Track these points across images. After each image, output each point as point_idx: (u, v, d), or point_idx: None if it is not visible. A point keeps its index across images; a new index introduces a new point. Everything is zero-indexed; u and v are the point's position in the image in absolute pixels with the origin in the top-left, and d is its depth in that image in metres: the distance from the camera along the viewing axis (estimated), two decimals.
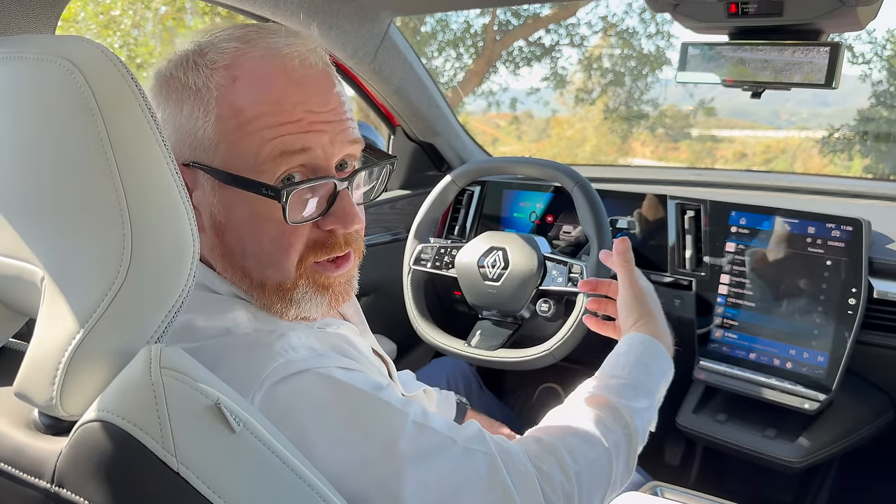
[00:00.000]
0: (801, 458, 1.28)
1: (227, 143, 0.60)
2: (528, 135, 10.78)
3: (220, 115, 0.60)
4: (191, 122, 0.61)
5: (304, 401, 0.55)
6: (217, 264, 0.66)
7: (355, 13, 1.43)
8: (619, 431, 0.75)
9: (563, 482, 0.65)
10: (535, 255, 1.29)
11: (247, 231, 0.63)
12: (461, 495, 0.58)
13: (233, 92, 0.60)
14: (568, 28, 9.22)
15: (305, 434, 0.54)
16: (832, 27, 1.02)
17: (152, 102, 0.62)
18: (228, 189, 0.61)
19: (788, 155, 9.33)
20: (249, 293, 0.66)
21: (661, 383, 0.86)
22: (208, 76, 0.61)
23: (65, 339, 0.46)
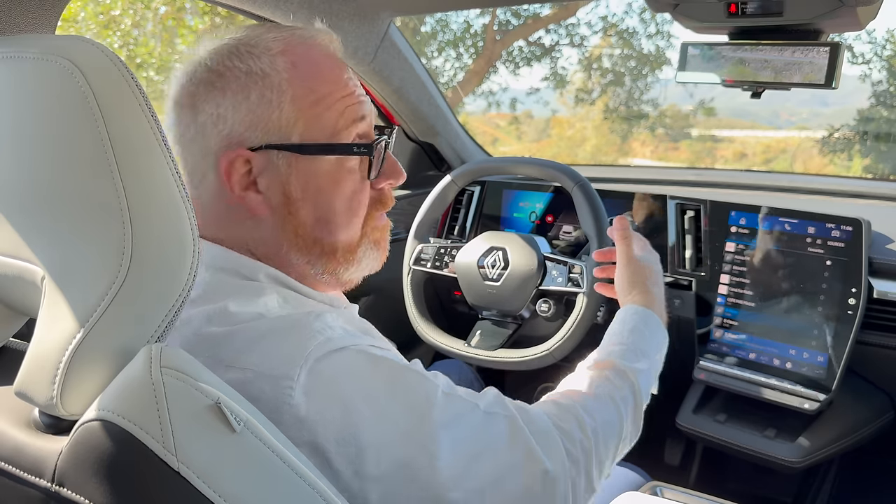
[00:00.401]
0: (801, 458, 1.28)
1: (305, 119, 0.65)
2: (528, 135, 10.78)
3: (295, 95, 0.65)
4: (262, 107, 0.64)
5: (348, 375, 0.58)
6: (277, 243, 0.68)
7: (355, 13, 1.43)
8: (626, 389, 0.81)
9: (581, 439, 0.70)
10: (535, 255, 1.29)
11: (323, 198, 0.67)
12: (487, 455, 0.62)
13: (299, 73, 0.65)
14: (568, 28, 9.23)
15: (352, 407, 0.56)
16: (832, 27, 1.02)
17: (192, 103, 0.65)
18: (306, 161, 0.66)
19: (788, 155, 9.33)
20: (311, 262, 0.69)
21: (656, 347, 0.93)
22: (272, 61, 0.65)
23: (65, 338, 0.46)
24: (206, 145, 0.65)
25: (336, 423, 0.55)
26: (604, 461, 0.74)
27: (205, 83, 0.65)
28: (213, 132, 0.65)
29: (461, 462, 0.59)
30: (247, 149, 0.64)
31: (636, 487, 1.14)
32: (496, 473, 0.62)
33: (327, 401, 0.55)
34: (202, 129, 0.65)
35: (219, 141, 0.65)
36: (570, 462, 0.67)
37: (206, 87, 0.65)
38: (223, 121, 0.64)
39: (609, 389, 0.80)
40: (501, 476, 0.62)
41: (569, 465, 0.67)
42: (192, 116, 0.65)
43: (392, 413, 0.58)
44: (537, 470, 0.64)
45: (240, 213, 0.67)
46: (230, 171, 0.64)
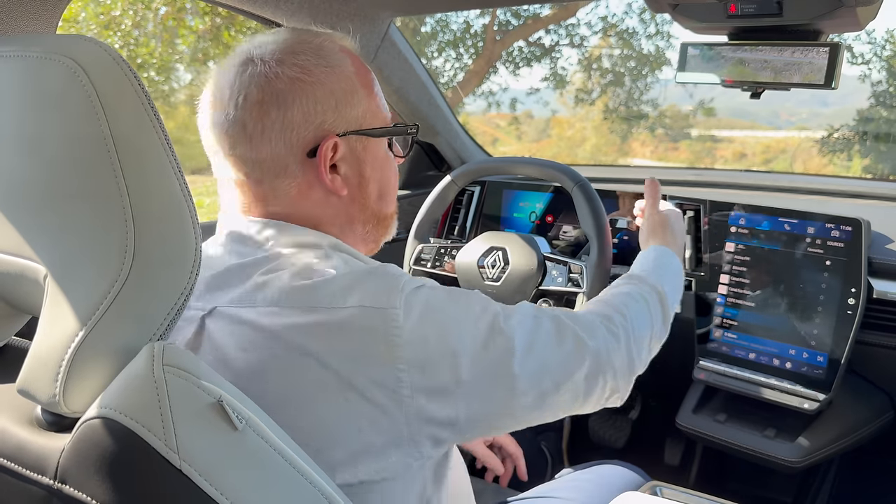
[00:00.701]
0: (801, 458, 1.28)
1: (370, 108, 0.76)
2: (528, 135, 10.78)
3: (363, 87, 0.75)
4: (344, 98, 0.74)
5: (435, 303, 0.67)
6: (350, 216, 0.77)
7: (355, 13, 1.44)
8: (653, 295, 0.94)
9: (620, 322, 0.84)
10: (534, 255, 1.29)
11: (384, 175, 0.79)
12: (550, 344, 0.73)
13: (358, 69, 0.76)
14: (568, 28, 9.23)
15: (445, 326, 0.66)
16: (832, 27, 1.03)
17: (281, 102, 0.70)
18: (374, 143, 0.77)
19: (788, 155, 9.33)
20: (365, 229, 0.80)
21: (674, 273, 1.05)
22: (341, 59, 0.75)
23: (68, 336, 0.47)
24: (298, 137, 0.72)
25: (436, 340, 0.65)
26: (641, 347, 0.86)
27: (294, 81, 0.71)
28: (305, 125, 0.72)
29: (530, 360, 0.70)
30: (336, 136, 0.73)
31: (636, 487, 1.14)
32: (558, 362, 0.73)
33: (426, 323, 0.65)
34: (293, 123, 0.71)
35: (311, 131, 0.72)
36: (612, 338, 0.80)
37: (297, 85, 0.71)
38: (316, 113, 0.72)
39: (637, 292, 0.93)
40: (563, 363, 0.74)
41: (611, 341, 0.80)
42: (281, 113, 0.71)
43: (473, 327, 0.68)
44: (586, 351, 0.76)
45: (322, 194, 0.75)
46: (324, 155, 0.72)
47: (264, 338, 0.63)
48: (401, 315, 0.63)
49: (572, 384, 0.74)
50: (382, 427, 0.62)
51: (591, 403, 0.79)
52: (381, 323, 0.63)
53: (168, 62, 7.64)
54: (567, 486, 1.10)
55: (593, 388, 0.78)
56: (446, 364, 0.65)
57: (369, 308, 0.63)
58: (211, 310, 0.66)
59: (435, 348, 0.64)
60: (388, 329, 0.63)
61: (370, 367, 0.62)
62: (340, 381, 0.61)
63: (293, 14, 1.33)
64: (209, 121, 0.73)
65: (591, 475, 1.13)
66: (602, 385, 0.78)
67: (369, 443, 0.62)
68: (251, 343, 0.63)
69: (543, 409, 0.73)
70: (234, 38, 7.30)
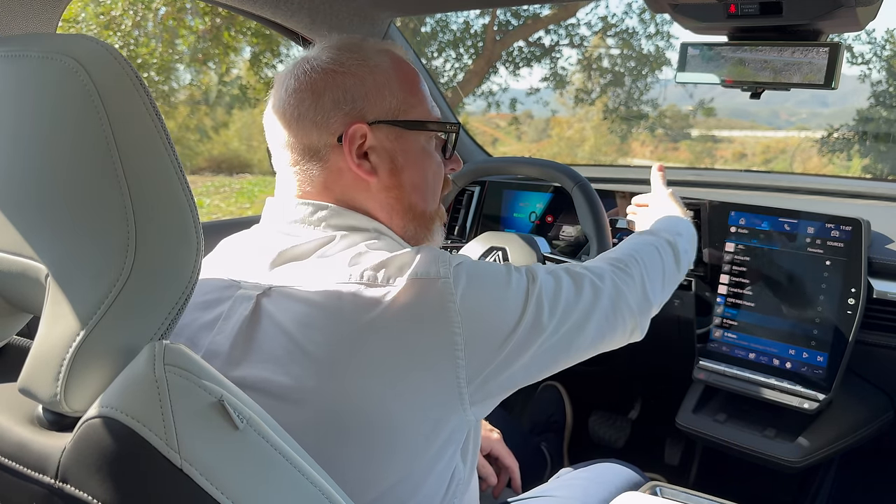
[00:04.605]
0: (801, 458, 1.28)
1: (406, 102, 0.79)
2: (528, 135, 10.78)
3: (400, 83, 0.79)
4: (377, 89, 0.77)
5: (477, 273, 0.72)
6: (381, 204, 0.80)
7: (355, 13, 1.44)
8: (660, 240, 1.01)
9: (632, 263, 0.90)
10: (534, 255, 1.29)
11: (419, 167, 0.81)
12: (571, 300, 0.79)
13: (399, 68, 0.80)
14: (568, 28, 9.23)
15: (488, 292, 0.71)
16: (831, 27, 1.03)
17: (318, 89, 0.76)
18: (409, 135, 0.80)
19: (788, 155, 9.33)
20: (402, 225, 0.82)
21: (685, 230, 1.10)
22: (379, 56, 0.79)
23: (69, 335, 0.47)
24: (327, 123, 0.77)
25: (483, 304, 0.70)
26: (654, 285, 0.92)
27: (327, 72, 0.77)
28: (335, 111, 0.76)
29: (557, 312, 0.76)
30: (366, 124, 0.77)
31: (636, 487, 1.14)
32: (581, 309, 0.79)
33: (473, 289, 0.70)
34: (325, 110, 0.76)
35: (341, 117, 0.76)
36: (625, 277, 0.87)
37: (330, 76, 0.77)
38: (346, 101, 0.77)
39: (648, 240, 1.00)
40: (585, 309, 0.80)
41: (625, 279, 0.87)
42: (315, 100, 0.77)
43: (512, 294, 0.73)
44: (602, 294, 0.82)
45: (352, 180, 0.78)
46: (351, 141, 0.76)
47: (327, 316, 0.66)
48: (451, 282, 0.68)
49: (595, 324, 0.81)
50: (441, 390, 0.67)
51: (616, 340, 0.86)
52: (435, 290, 0.68)
53: (168, 62, 7.64)
54: (566, 485, 1.10)
55: (616, 326, 0.84)
56: (495, 328, 0.70)
57: (422, 278, 0.68)
58: (267, 289, 0.70)
59: (483, 312, 0.70)
60: (443, 295, 0.68)
61: (429, 332, 0.66)
62: (403, 352, 0.66)
63: (293, 14, 1.33)
64: (268, 111, 0.81)
65: (590, 475, 1.13)
66: (623, 322, 0.85)
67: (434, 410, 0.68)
68: (315, 321, 0.66)
69: (570, 351, 0.79)
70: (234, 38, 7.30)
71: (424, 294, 0.67)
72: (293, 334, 0.67)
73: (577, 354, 0.81)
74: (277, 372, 0.65)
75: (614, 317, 0.84)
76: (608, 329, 0.83)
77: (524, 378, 0.75)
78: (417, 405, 0.66)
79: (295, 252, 0.73)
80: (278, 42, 7.68)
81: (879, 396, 1.38)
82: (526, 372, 0.75)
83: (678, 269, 1.02)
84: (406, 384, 0.66)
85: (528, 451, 1.51)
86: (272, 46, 7.67)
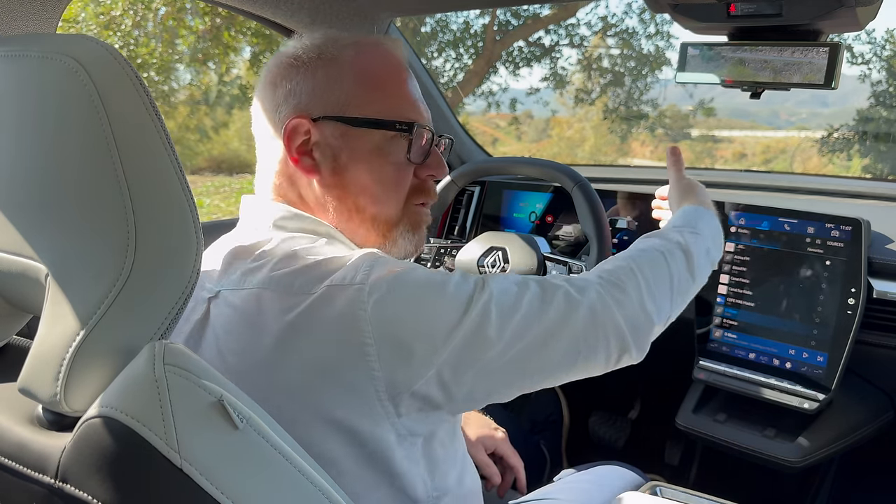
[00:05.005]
0: (801, 458, 1.28)
1: (359, 99, 0.75)
2: (528, 135, 10.78)
3: (357, 77, 0.75)
4: (326, 83, 0.75)
5: (407, 278, 0.66)
6: (326, 205, 0.77)
7: (355, 13, 1.44)
8: (673, 245, 0.88)
9: (627, 273, 0.78)
10: (534, 255, 1.29)
11: (369, 168, 0.76)
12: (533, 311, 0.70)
13: (362, 61, 0.76)
14: (568, 28, 9.23)
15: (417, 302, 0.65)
16: (831, 27, 1.03)
17: (276, 81, 0.76)
18: (358, 133, 0.75)
19: (788, 155, 9.34)
20: (352, 229, 0.78)
21: (704, 224, 0.97)
22: (341, 49, 0.76)
23: (69, 335, 0.47)
24: (278, 116, 0.76)
25: (405, 315, 0.64)
26: (659, 300, 0.80)
27: (285, 66, 0.76)
28: (285, 104, 0.76)
29: (510, 324, 0.68)
30: (310, 119, 0.74)
31: (636, 487, 1.14)
32: (543, 322, 0.70)
33: (395, 300, 0.64)
34: (277, 102, 0.76)
35: (288, 111, 0.75)
36: (615, 292, 0.75)
37: (286, 69, 0.76)
38: (294, 94, 0.75)
39: (654, 245, 0.87)
40: (552, 325, 0.70)
41: (615, 294, 0.75)
42: (272, 92, 0.76)
43: (450, 299, 0.67)
44: (577, 307, 0.72)
45: (301, 177, 0.76)
46: (292, 135, 0.74)
47: (242, 323, 0.65)
48: (365, 290, 0.63)
49: (564, 343, 0.71)
50: (361, 403, 0.63)
51: (598, 363, 0.75)
52: (346, 300, 0.62)
53: (168, 62, 7.64)
54: (567, 487, 1.10)
55: (596, 347, 0.73)
56: (418, 338, 0.64)
57: (336, 286, 0.63)
58: (217, 292, 0.69)
59: (404, 324, 0.63)
60: (353, 304, 0.62)
61: (339, 344, 0.61)
62: (316, 370, 0.62)
63: (293, 14, 1.33)
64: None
65: (590, 476, 1.13)
66: (606, 342, 0.74)
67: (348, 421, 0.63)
68: (234, 328, 0.65)
69: (528, 372, 0.70)
70: (234, 38, 7.29)
71: (335, 303, 0.62)
72: (220, 340, 0.66)
73: (541, 377, 0.72)
74: None
75: (594, 336, 0.72)
76: (585, 349, 0.72)
77: (469, 399, 0.68)
78: (339, 425, 0.63)
79: (243, 253, 0.70)
80: (278, 42, 7.67)
81: (879, 396, 1.38)
82: (469, 394, 0.67)
83: (692, 277, 0.88)
84: (322, 403, 0.62)
85: (530, 450, 1.51)
86: (272, 46, 7.67)
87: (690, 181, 1.10)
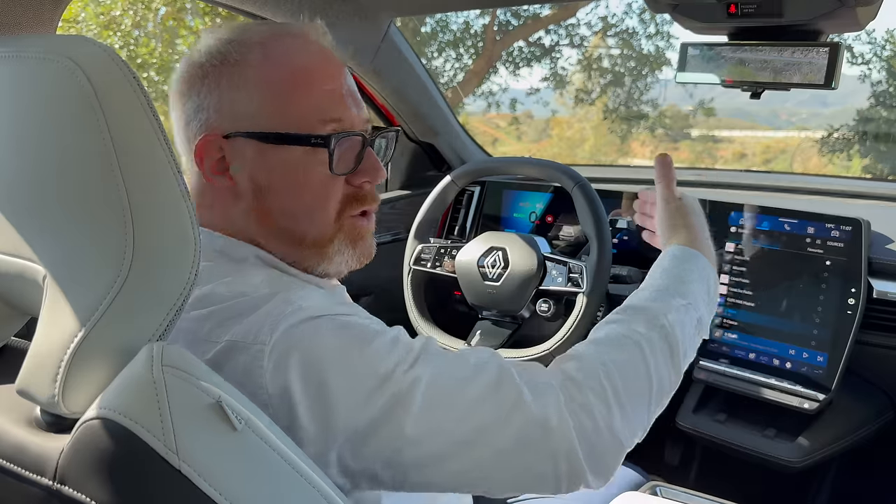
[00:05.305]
0: (801, 458, 1.28)
1: (270, 109, 0.67)
2: (528, 135, 10.78)
3: (264, 85, 0.67)
4: (231, 94, 0.67)
5: (318, 341, 0.59)
6: (250, 228, 0.70)
7: (355, 13, 1.43)
8: (653, 331, 0.74)
9: (592, 385, 0.66)
10: (535, 255, 1.29)
11: (290, 187, 0.68)
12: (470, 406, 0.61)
13: (270, 65, 0.67)
14: (568, 28, 9.23)
15: (321, 371, 0.58)
16: (832, 27, 1.02)
17: (184, 91, 0.69)
18: (273, 150, 0.67)
19: (788, 155, 9.34)
20: (282, 252, 0.70)
21: (697, 286, 0.83)
22: (245, 53, 0.67)
23: (67, 336, 0.46)
24: (189, 133, 0.69)
25: (306, 383, 0.57)
26: (631, 413, 0.67)
27: (191, 76, 0.69)
28: (195, 119, 0.68)
29: (434, 419, 0.59)
30: (221, 135, 0.67)
31: (636, 487, 1.15)
32: (479, 425, 0.60)
33: (298, 365, 0.57)
34: (188, 117, 0.69)
35: (198, 127, 0.68)
36: (575, 408, 0.63)
37: (191, 79, 0.69)
38: (202, 109, 0.68)
39: (629, 333, 0.73)
40: (485, 427, 0.60)
41: (574, 412, 0.63)
42: (182, 105, 0.69)
43: (359, 375, 0.59)
44: (528, 419, 0.61)
45: (221, 198, 0.70)
46: (202, 155, 0.68)
47: None
48: (266, 353, 0.57)
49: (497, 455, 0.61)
50: None
51: (539, 486, 0.63)
52: (246, 360, 0.57)
53: (168, 62, 7.63)
54: None
55: (535, 468, 0.62)
56: (313, 419, 0.57)
57: (238, 343, 0.58)
58: None
59: (300, 398, 0.57)
60: (252, 367, 0.57)
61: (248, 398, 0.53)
62: None
63: (293, 14, 1.33)
64: None
65: None
66: (553, 466, 0.62)
67: None
68: None
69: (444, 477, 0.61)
70: None
71: (237, 361, 0.57)
72: None
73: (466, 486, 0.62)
74: None
75: (539, 456, 0.62)
76: (520, 467, 0.62)
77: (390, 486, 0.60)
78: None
79: None
80: None
81: (879, 396, 1.38)
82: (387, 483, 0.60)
83: (677, 372, 0.76)
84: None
85: None
86: None
87: (681, 203, 0.95)
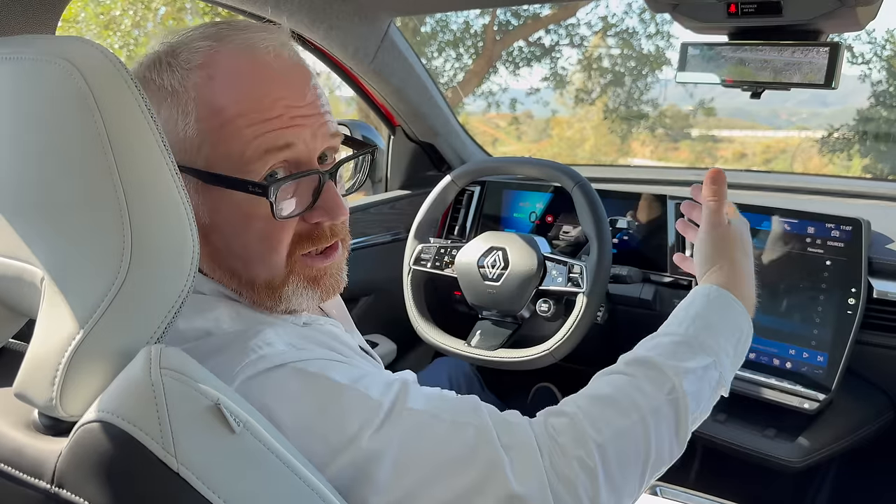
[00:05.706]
0: (801, 458, 1.28)
1: (209, 143, 0.59)
2: (528, 135, 10.78)
3: (201, 116, 0.59)
4: (170, 125, 0.60)
5: (276, 394, 0.55)
6: (204, 265, 0.66)
7: (355, 13, 1.43)
8: (661, 397, 0.67)
9: (581, 456, 0.60)
10: (534, 255, 1.29)
11: (233, 230, 0.62)
12: (443, 473, 0.56)
13: (211, 91, 0.59)
14: (568, 28, 9.23)
15: (279, 426, 0.54)
16: (832, 27, 1.02)
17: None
18: (213, 189, 0.61)
19: (788, 155, 9.34)
20: (238, 292, 0.66)
21: (726, 339, 0.75)
22: (184, 76, 0.60)
23: (65, 339, 0.46)
24: None
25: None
26: (619, 483, 0.62)
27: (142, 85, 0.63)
28: None
29: (402, 486, 0.55)
30: None
31: None
32: (449, 493, 0.56)
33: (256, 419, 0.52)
34: None
35: None
36: (559, 478, 0.59)
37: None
38: None
39: (635, 397, 0.66)
40: (455, 497, 0.56)
41: (556, 482, 0.58)
42: None
43: (321, 433, 0.55)
44: (501, 491, 0.56)
45: None
46: None
47: None
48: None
49: None
50: None
51: None
52: None
53: None
54: None
55: None
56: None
57: None
58: None
59: None
60: None
61: None
62: None
63: (293, 14, 1.33)
64: None
65: None
66: None
67: None
68: None
69: None
70: None
71: None
72: None
73: None
74: None
75: None
76: None
77: None
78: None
79: None
80: None
81: (879, 396, 1.38)
82: None
83: (677, 444, 0.70)
84: None
85: None
86: None
87: (728, 230, 0.82)
